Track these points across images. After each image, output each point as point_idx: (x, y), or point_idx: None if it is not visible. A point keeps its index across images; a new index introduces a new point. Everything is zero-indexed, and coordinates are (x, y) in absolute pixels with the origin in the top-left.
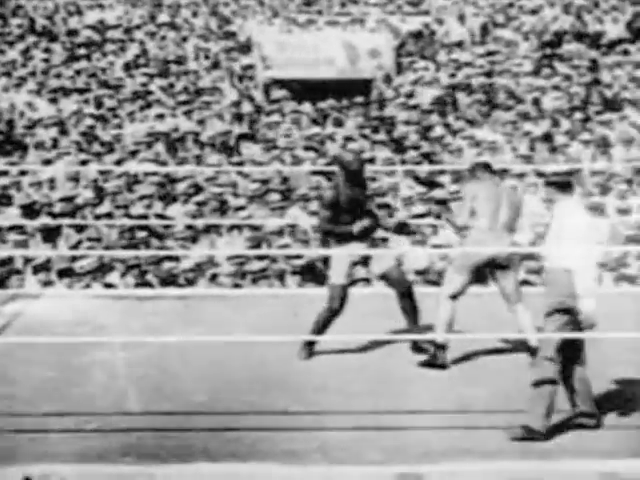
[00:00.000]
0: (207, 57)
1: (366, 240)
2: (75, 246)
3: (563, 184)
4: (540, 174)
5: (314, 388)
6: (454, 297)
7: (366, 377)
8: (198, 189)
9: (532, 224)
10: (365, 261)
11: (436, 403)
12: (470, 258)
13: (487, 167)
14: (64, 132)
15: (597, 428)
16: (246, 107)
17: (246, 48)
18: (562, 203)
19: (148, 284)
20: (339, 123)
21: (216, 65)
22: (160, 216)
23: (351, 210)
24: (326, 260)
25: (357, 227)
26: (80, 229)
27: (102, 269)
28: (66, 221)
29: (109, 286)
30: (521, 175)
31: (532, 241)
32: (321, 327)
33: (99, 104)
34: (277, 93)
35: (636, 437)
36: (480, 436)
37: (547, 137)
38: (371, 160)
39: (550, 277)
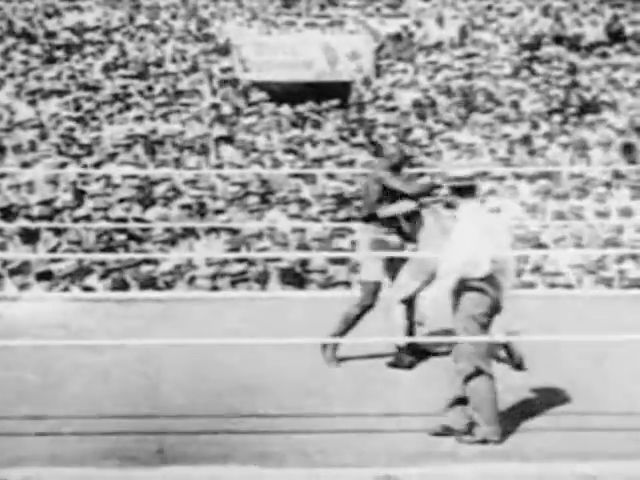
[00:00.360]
0: (185, 59)
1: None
2: (54, 249)
3: (463, 189)
4: (519, 177)
5: (293, 391)
6: (406, 302)
7: (344, 380)
8: (177, 192)
9: (512, 228)
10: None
11: (414, 406)
12: (427, 264)
13: None
14: (43, 134)
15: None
16: (225, 109)
17: (225, 50)
18: (462, 208)
19: (127, 287)
20: (318, 126)
21: (195, 67)
22: (139, 219)
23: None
24: (304, 263)
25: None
26: (59, 232)
27: (81, 272)
28: (44, 224)
29: (88, 289)
30: (500, 178)
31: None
32: (350, 323)
33: (78, 106)
34: (256, 95)
35: (612, 439)
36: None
37: (526, 140)
38: (350, 163)
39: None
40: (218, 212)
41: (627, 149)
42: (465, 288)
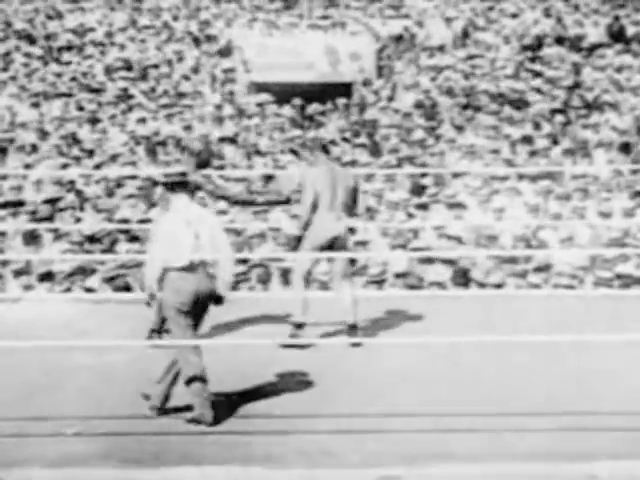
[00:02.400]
0: (188, 61)
1: None
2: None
3: (174, 184)
4: (521, 177)
5: (293, 391)
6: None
7: (345, 380)
8: None
9: (512, 226)
10: None
11: (416, 406)
12: (316, 240)
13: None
14: (45, 136)
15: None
16: (227, 111)
17: (227, 52)
18: (173, 202)
19: (128, 288)
20: (320, 126)
21: (197, 69)
22: (141, 220)
23: None
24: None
25: None
26: (61, 232)
27: (83, 272)
28: (47, 225)
29: (89, 290)
30: (503, 178)
31: (513, 245)
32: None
33: (80, 108)
34: (258, 97)
35: (614, 439)
36: (460, 439)
37: (528, 140)
38: (352, 163)
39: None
40: (220, 213)
41: (625, 148)
42: (167, 277)
